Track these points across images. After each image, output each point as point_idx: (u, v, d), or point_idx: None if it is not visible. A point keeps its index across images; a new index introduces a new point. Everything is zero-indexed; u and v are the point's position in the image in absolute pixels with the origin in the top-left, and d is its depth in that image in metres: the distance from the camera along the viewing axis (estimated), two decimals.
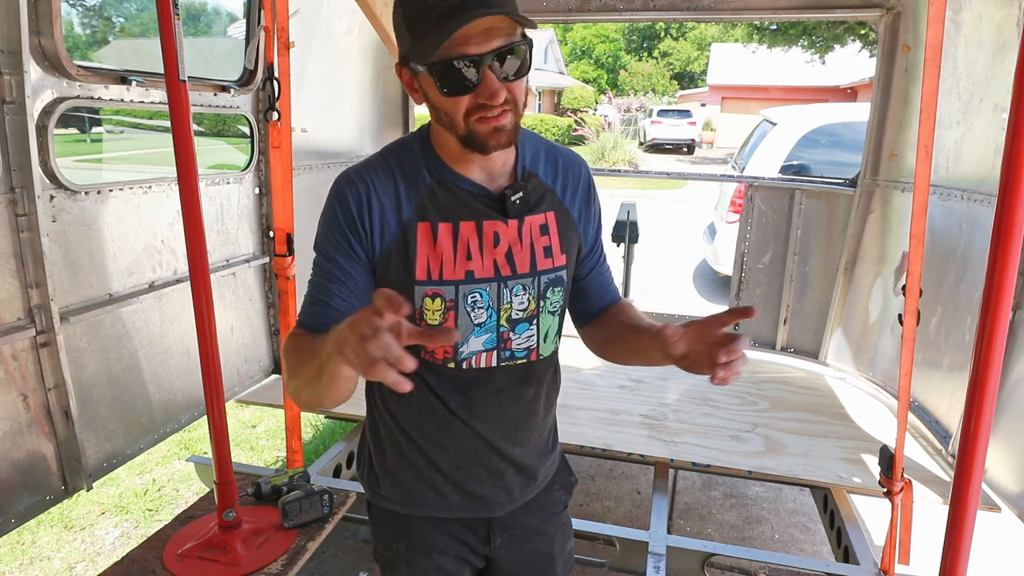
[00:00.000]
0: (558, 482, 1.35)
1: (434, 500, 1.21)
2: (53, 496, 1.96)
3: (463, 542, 1.25)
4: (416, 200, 1.07)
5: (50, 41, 1.79)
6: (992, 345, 1.04)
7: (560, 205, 1.16)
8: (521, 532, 1.29)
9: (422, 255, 1.06)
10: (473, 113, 0.97)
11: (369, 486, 1.27)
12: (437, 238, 1.07)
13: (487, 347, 1.12)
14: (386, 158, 1.10)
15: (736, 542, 3.02)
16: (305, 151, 3.06)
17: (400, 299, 0.70)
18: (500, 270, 1.10)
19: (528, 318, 1.14)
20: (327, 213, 1.08)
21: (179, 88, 1.50)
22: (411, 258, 1.06)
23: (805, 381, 3.29)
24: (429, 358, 1.12)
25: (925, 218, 1.62)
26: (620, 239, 4.40)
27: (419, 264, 1.07)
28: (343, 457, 2.63)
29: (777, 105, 8.07)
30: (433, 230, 1.07)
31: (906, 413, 1.76)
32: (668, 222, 11.18)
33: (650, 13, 3.26)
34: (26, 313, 1.83)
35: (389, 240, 1.06)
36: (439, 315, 1.08)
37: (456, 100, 0.97)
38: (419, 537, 1.23)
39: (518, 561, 1.31)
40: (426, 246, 1.07)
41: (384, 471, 1.24)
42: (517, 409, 1.19)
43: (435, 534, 1.23)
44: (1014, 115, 0.97)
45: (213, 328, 1.65)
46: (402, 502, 1.23)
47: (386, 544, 1.27)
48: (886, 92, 3.02)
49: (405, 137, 1.14)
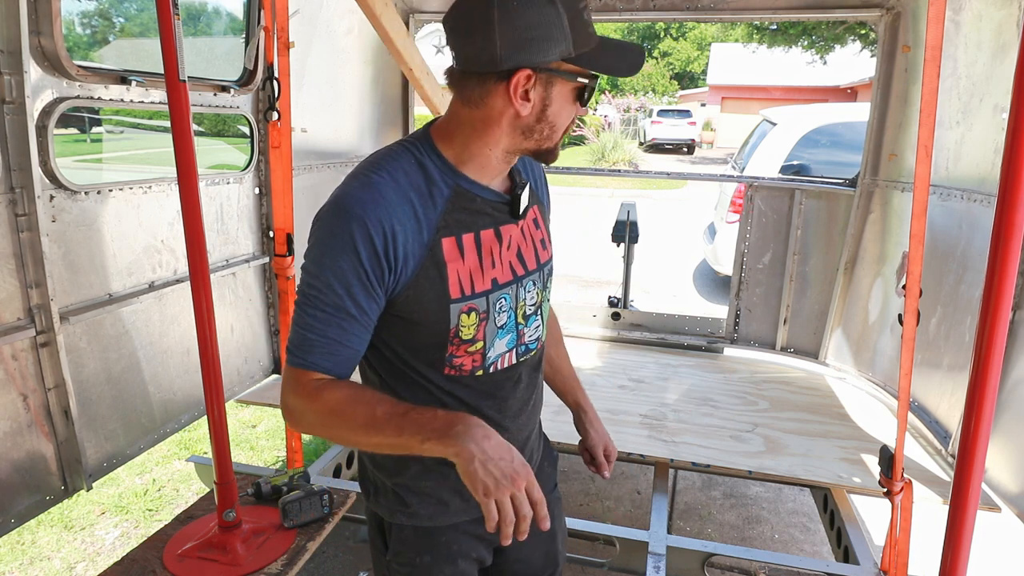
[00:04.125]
0: (546, 459, 1.41)
1: (460, 505, 1.20)
2: (53, 496, 1.96)
3: (481, 539, 1.26)
4: (435, 216, 1.03)
5: (50, 41, 1.79)
6: (992, 345, 1.04)
7: (537, 198, 1.22)
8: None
9: (452, 271, 1.04)
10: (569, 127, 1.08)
11: (390, 508, 1.21)
12: (464, 252, 1.06)
13: (509, 347, 1.15)
14: (394, 178, 1.02)
15: (736, 542, 3.02)
16: (305, 151, 3.06)
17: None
18: (515, 270, 1.13)
19: (536, 310, 1.18)
20: (341, 246, 0.98)
21: (179, 88, 1.50)
22: (444, 277, 1.04)
23: (805, 381, 3.29)
24: (456, 373, 1.11)
25: (925, 218, 1.62)
26: (620, 239, 4.39)
27: (451, 281, 1.05)
28: (343, 457, 2.63)
29: (777, 105, 8.07)
30: (459, 244, 1.05)
31: (906, 413, 1.76)
32: (668, 222, 11.18)
33: (650, 13, 3.26)
34: (26, 313, 1.83)
35: (415, 265, 1.02)
36: (473, 329, 1.08)
37: (574, 112, 1.06)
38: (444, 546, 1.21)
39: (525, 544, 1.32)
40: (455, 261, 1.05)
41: (407, 490, 1.19)
42: (534, 396, 1.25)
43: (458, 539, 1.23)
44: (1014, 115, 0.97)
45: (213, 328, 1.65)
46: (430, 515, 1.20)
47: (408, 560, 1.22)
48: (886, 92, 3.02)
49: (404, 149, 1.07)
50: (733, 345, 3.67)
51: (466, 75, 1.01)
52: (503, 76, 0.98)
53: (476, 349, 1.10)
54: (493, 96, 1.00)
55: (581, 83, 1.03)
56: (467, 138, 1.05)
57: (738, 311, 3.63)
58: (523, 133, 1.03)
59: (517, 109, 1.00)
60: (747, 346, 3.65)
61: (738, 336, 3.65)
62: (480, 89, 1.00)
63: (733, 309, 3.63)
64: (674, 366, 3.45)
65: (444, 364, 1.09)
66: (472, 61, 0.99)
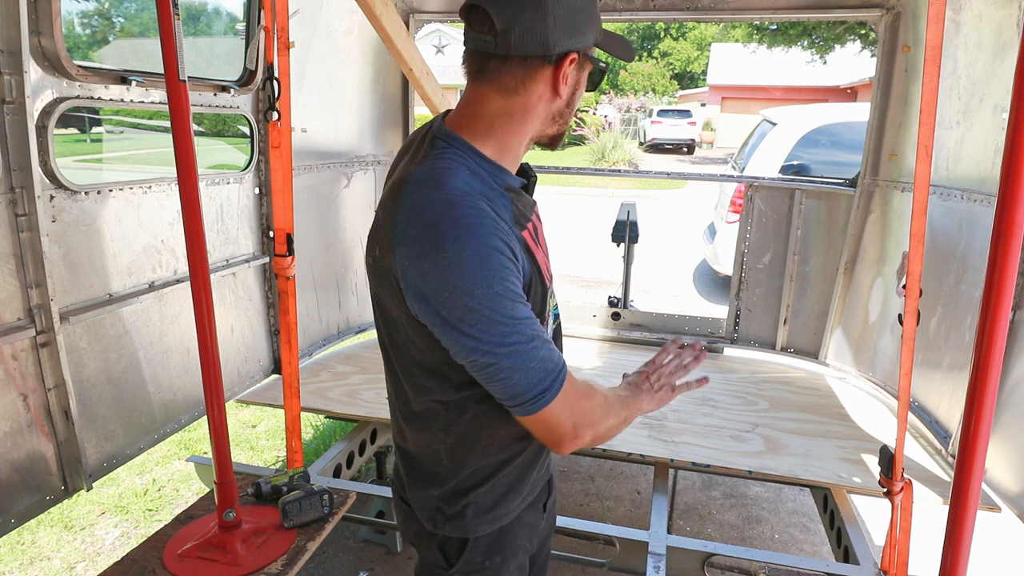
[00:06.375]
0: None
1: (532, 492, 1.24)
2: (53, 496, 1.96)
3: (533, 526, 1.28)
4: (507, 214, 1.00)
5: (50, 41, 1.79)
6: (992, 345, 1.04)
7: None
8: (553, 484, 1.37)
9: (540, 261, 1.07)
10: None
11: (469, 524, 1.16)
12: (537, 239, 1.09)
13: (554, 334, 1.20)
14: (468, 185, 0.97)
15: (736, 542, 3.02)
16: (305, 151, 3.06)
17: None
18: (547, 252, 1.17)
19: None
20: (495, 270, 0.92)
21: (179, 88, 1.50)
22: (538, 268, 1.05)
23: (805, 381, 3.29)
24: None
25: (925, 218, 1.62)
26: (620, 239, 4.39)
27: (543, 270, 1.08)
28: (343, 457, 2.63)
29: (777, 105, 8.07)
30: (533, 235, 1.08)
31: (906, 413, 1.76)
32: (668, 222, 11.18)
33: (650, 13, 3.25)
34: (26, 313, 1.83)
35: (523, 261, 1.00)
36: (551, 314, 1.13)
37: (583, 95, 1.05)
38: (511, 541, 1.21)
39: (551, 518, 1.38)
40: (537, 251, 1.07)
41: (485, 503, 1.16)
42: None
43: (520, 532, 1.23)
44: (1014, 115, 0.97)
45: (213, 328, 1.65)
46: (505, 513, 1.18)
47: (478, 565, 1.18)
48: (886, 92, 3.02)
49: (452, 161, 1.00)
50: (733, 345, 3.67)
51: (508, 61, 0.98)
52: (551, 60, 0.98)
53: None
54: (536, 81, 0.99)
55: (603, 67, 1.06)
56: (504, 130, 1.03)
57: (738, 311, 3.63)
58: (553, 118, 1.04)
59: (560, 93, 1.01)
60: (747, 346, 3.65)
61: (738, 336, 3.65)
62: (524, 75, 0.99)
63: (733, 309, 3.63)
64: None
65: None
66: (519, 46, 0.96)
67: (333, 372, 3.15)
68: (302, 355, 3.12)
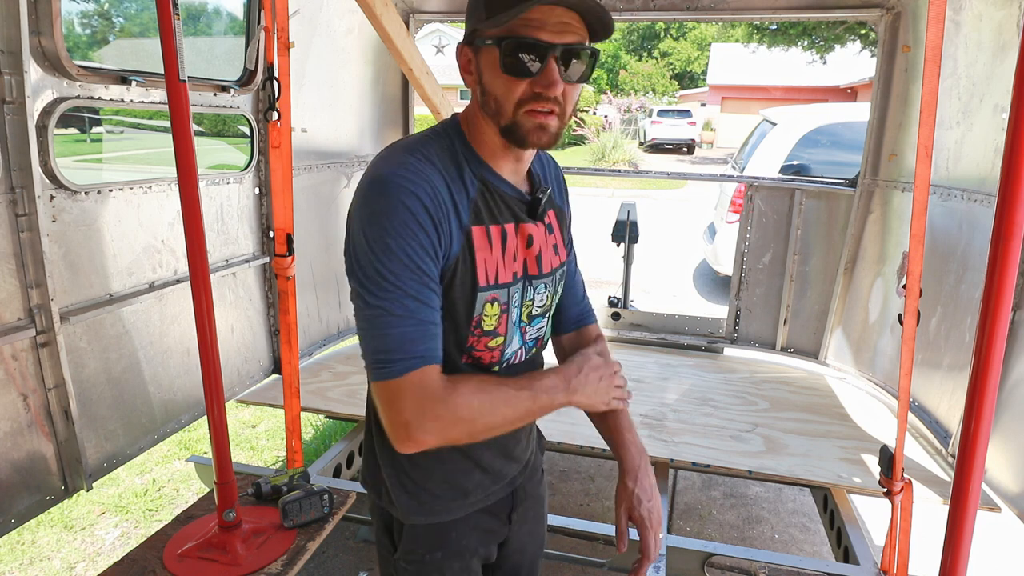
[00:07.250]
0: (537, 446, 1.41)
1: (477, 497, 1.22)
2: (53, 496, 1.96)
3: (489, 532, 1.27)
4: (466, 202, 1.02)
5: (50, 41, 1.79)
6: (992, 345, 1.04)
7: (555, 203, 1.21)
8: (529, 500, 1.34)
9: (480, 260, 1.04)
10: (525, 103, 0.97)
11: (402, 506, 1.19)
12: (492, 242, 1.06)
13: (519, 344, 1.16)
14: (430, 160, 0.99)
15: (736, 542, 3.02)
16: (305, 151, 3.06)
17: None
18: (528, 269, 1.13)
19: (543, 312, 1.19)
20: (402, 223, 0.93)
21: (179, 88, 1.50)
22: (473, 264, 1.03)
23: (805, 381, 3.29)
24: (473, 363, 1.10)
25: (925, 218, 1.62)
26: (620, 239, 4.39)
27: (479, 269, 1.04)
28: (343, 457, 2.63)
29: (777, 105, 8.07)
30: (488, 234, 1.05)
31: (906, 413, 1.76)
32: (668, 222, 11.18)
33: (650, 13, 3.26)
34: (26, 313, 1.83)
35: (456, 247, 1.00)
36: (495, 320, 1.08)
37: (513, 83, 0.96)
38: (455, 541, 1.21)
39: (523, 532, 1.34)
40: (483, 251, 1.04)
41: (418, 487, 1.18)
42: None
43: (468, 534, 1.23)
44: (1014, 115, 0.97)
45: (213, 328, 1.65)
46: (443, 510, 1.19)
47: (418, 557, 1.21)
48: (886, 92, 3.03)
49: (436, 132, 1.07)
50: (733, 345, 3.67)
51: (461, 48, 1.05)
52: (468, 43, 1.02)
53: (496, 344, 1.10)
54: (465, 68, 1.04)
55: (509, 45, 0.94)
56: (473, 118, 1.06)
57: (738, 311, 3.63)
58: (484, 108, 1.02)
59: (473, 78, 1.02)
60: (747, 346, 3.65)
61: (738, 336, 3.65)
62: (463, 62, 1.04)
63: (733, 309, 3.63)
64: (674, 366, 3.45)
65: (463, 353, 1.10)
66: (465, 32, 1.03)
67: (333, 372, 3.15)
68: (302, 355, 3.12)
